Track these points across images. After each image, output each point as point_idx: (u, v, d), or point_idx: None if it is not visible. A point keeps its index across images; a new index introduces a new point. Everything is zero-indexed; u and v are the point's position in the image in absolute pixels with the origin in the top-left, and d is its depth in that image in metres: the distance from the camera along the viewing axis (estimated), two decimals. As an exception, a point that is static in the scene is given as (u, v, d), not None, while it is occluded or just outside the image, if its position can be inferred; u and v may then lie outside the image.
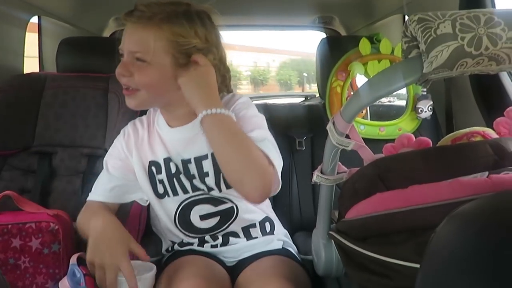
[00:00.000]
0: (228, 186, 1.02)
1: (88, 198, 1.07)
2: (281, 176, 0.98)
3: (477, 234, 0.33)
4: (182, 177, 1.03)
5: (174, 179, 1.03)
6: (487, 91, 1.38)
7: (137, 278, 0.95)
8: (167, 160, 1.03)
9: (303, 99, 2.77)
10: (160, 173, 1.04)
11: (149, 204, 1.12)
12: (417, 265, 0.47)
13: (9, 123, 1.30)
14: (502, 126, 0.79)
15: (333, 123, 0.79)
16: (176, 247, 1.10)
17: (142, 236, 1.15)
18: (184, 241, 1.10)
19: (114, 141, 1.11)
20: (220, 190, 1.03)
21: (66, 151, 1.32)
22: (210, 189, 1.03)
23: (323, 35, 2.27)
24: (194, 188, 1.03)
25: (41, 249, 1.04)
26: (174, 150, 1.04)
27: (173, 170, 1.03)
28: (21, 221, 1.04)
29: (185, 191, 1.03)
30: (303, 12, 2.04)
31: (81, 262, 1.04)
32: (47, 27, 1.85)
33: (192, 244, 1.09)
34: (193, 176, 1.03)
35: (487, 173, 0.59)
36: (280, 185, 0.96)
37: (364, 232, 0.72)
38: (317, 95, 2.42)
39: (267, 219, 1.13)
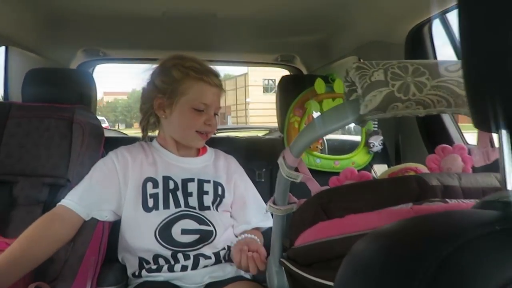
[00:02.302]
0: (219, 210, 1.20)
1: (60, 203, 1.15)
2: None
3: (375, 253, 0.39)
4: (179, 193, 1.17)
5: (170, 194, 1.16)
6: (431, 129, 1.51)
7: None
8: (167, 178, 1.18)
9: (267, 131, 2.86)
10: (156, 187, 1.16)
11: (113, 230, 1.16)
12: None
13: (-30, 152, 1.30)
14: (433, 162, 0.89)
15: (283, 157, 0.86)
16: (143, 272, 1.13)
17: (103, 264, 1.17)
18: (154, 262, 1.13)
19: (103, 160, 1.23)
20: (214, 209, 1.19)
21: (28, 180, 1.33)
22: (202, 207, 1.17)
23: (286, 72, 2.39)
24: (186, 204, 1.16)
25: (-3, 278, 1.04)
26: (177, 172, 1.20)
27: (171, 186, 1.17)
28: (-22, 250, 1.05)
29: (177, 205, 1.15)
30: (266, 50, 2.15)
31: (37, 291, 1.05)
32: (14, 57, 1.87)
33: (161, 268, 1.12)
34: (190, 194, 1.18)
35: (411, 204, 0.67)
36: None
37: (309, 258, 0.78)
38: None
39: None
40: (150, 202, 1.15)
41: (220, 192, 1.23)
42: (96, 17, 1.66)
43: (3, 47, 1.81)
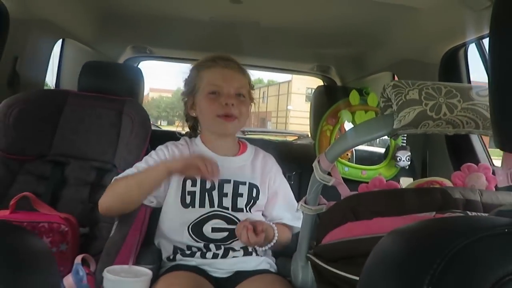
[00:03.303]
0: (252, 211, 1.27)
1: (116, 177, 1.24)
2: None
3: (395, 246, 0.46)
4: (214, 193, 1.24)
5: (206, 193, 1.23)
6: (458, 148, 1.56)
7: (135, 280, 1.07)
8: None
9: (296, 137, 2.95)
10: (195, 186, 1.24)
11: (153, 214, 1.26)
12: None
13: (30, 132, 1.43)
14: (458, 178, 0.95)
15: (318, 161, 0.95)
16: (178, 256, 1.23)
17: (142, 245, 1.27)
18: (188, 249, 1.23)
19: (155, 151, 1.32)
20: (247, 211, 1.26)
21: (78, 163, 1.45)
22: (235, 208, 1.24)
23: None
24: (220, 205, 1.23)
25: (50, 247, 1.16)
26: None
27: (208, 186, 1.23)
28: (35, 220, 1.17)
29: (211, 205, 1.23)
30: (304, 59, 2.24)
31: (84, 262, 1.17)
32: (69, 49, 2.02)
33: (194, 254, 1.21)
34: (225, 195, 1.24)
35: (434, 212, 0.74)
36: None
37: (336, 254, 0.86)
38: (309, 134, 2.60)
39: None
40: (188, 199, 1.24)
41: (254, 194, 1.29)
42: (147, 16, 1.79)
43: (60, 40, 1.96)
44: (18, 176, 1.41)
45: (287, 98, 28.24)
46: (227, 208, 1.24)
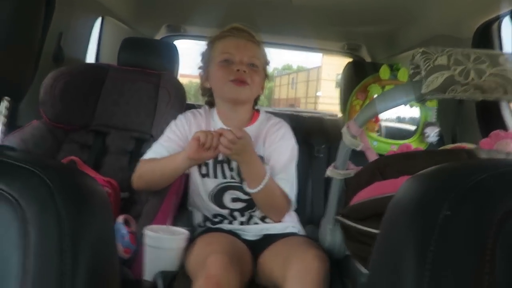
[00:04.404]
0: None
1: (142, 158, 1.30)
2: (299, 177, 1.32)
3: (414, 185, 0.50)
4: (225, 165, 1.29)
5: (218, 165, 1.29)
6: (489, 120, 1.56)
7: (173, 237, 1.15)
8: None
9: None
10: None
11: (185, 184, 1.33)
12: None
13: (74, 103, 1.53)
14: (486, 145, 0.98)
15: (348, 126, 0.99)
16: (207, 223, 1.31)
17: (178, 209, 1.35)
18: (215, 217, 1.30)
19: (175, 122, 1.36)
20: None
21: (118, 133, 1.54)
22: (242, 181, 1.27)
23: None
24: (231, 177, 1.29)
25: (95, 206, 1.25)
26: None
27: (220, 157, 1.28)
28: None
29: (224, 176, 1.29)
30: (334, 37, 2.25)
31: (125, 223, 1.25)
32: (108, 26, 2.11)
33: (221, 221, 1.29)
34: (232, 169, 1.29)
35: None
36: (294, 207, 1.31)
37: (363, 213, 0.90)
38: (338, 114, 2.62)
39: None
40: (203, 169, 1.31)
41: None
42: None
43: (100, 18, 2.05)
44: (63, 145, 1.51)
45: (317, 84, 27.96)
46: (238, 181, 1.29)
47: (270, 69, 1.42)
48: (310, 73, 29.17)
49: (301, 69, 31.56)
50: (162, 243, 1.14)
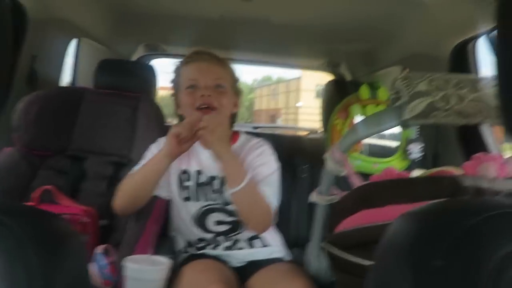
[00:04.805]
0: None
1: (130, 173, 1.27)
2: (283, 198, 1.29)
3: (405, 227, 0.49)
4: (207, 187, 1.27)
5: (200, 188, 1.27)
6: (470, 141, 1.58)
7: (155, 268, 1.11)
8: (198, 172, 1.28)
9: (307, 132, 2.98)
10: (189, 181, 1.27)
11: (167, 209, 1.30)
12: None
13: (50, 128, 1.48)
14: (469, 168, 0.98)
15: (331, 153, 0.97)
16: (190, 249, 1.27)
17: (159, 236, 1.31)
18: (198, 243, 1.27)
19: (155, 144, 1.33)
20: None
21: (96, 158, 1.50)
22: (225, 203, 1.26)
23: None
24: (214, 199, 1.26)
25: (72, 238, 1.21)
26: (206, 167, 1.28)
27: (201, 180, 1.27)
28: (58, 212, 1.21)
29: (206, 199, 1.27)
30: (314, 55, 2.27)
31: (106, 252, 1.21)
32: (84, 47, 2.07)
33: (205, 247, 1.26)
34: (215, 191, 1.27)
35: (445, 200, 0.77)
36: (276, 220, 1.27)
37: (350, 241, 0.89)
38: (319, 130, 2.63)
39: (269, 233, 1.31)
40: (185, 193, 1.28)
41: None
42: (159, 15, 1.83)
43: (76, 39, 2.01)
44: (39, 171, 1.46)
45: (297, 95, 28.18)
46: (220, 203, 1.27)
47: (249, 81, 1.41)
48: (290, 84, 29.42)
49: (281, 80, 31.81)
50: (143, 275, 1.09)
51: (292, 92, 28.81)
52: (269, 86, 32.06)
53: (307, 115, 25.03)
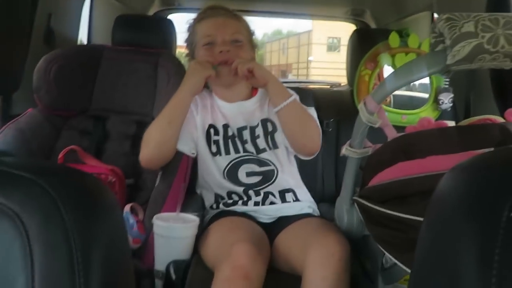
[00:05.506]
0: (275, 146, 1.26)
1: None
2: None
3: (465, 180, 0.44)
4: (237, 140, 1.26)
5: (230, 141, 1.25)
6: (504, 87, 1.49)
7: (184, 225, 1.11)
8: (225, 126, 1.27)
9: (329, 86, 2.89)
10: (218, 135, 1.26)
11: (193, 164, 1.28)
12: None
13: (70, 87, 1.46)
14: (511, 116, 0.92)
15: (364, 103, 0.92)
16: (221, 206, 1.25)
17: (186, 193, 1.30)
18: (229, 197, 1.25)
19: None
20: (270, 148, 1.26)
21: (118, 117, 1.48)
22: (259, 150, 1.25)
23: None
24: (245, 150, 1.25)
25: (100, 197, 1.21)
26: (232, 120, 1.27)
27: (230, 133, 1.26)
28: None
29: (237, 151, 1.25)
30: (337, 3, 2.15)
31: (132, 211, 1.21)
32: (98, 3, 2.00)
33: (237, 202, 1.24)
34: (246, 141, 1.26)
35: (492, 148, 0.72)
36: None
37: (385, 195, 0.85)
38: (342, 83, 2.55)
39: (299, 187, 1.30)
40: (214, 148, 1.26)
41: (270, 129, 1.28)
42: None
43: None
44: (62, 131, 1.45)
45: (308, 48, 27.47)
46: (252, 153, 1.26)
47: (259, 36, 1.37)
48: (300, 38, 28.61)
49: (291, 34, 30.92)
50: (173, 232, 1.09)
51: (303, 46, 28.07)
52: (279, 41, 31.33)
53: (318, 69, 24.56)
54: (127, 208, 1.19)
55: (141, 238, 1.16)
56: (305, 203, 1.28)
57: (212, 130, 1.27)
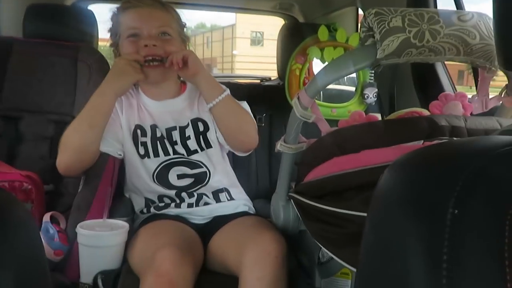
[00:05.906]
0: (208, 146, 1.21)
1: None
2: None
3: (406, 178, 0.44)
4: (166, 141, 1.18)
5: (158, 142, 1.17)
6: (424, 80, 1.57)
7: (112, 233, 1.03)
8: (153, 127, 1.19)
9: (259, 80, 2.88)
10: (145, 136, 1.17)
11: (120, 167, 1.20)
12: (364, 214, 0.58)
13: (-25, 85, 1.30)
14: (436, 108, 0.95)
15: (298, 98, 0.91)
16: (152, 210, 1.18)
17: (113, 197, 1.21)
18: (160, 201, 1.19)
19: None
20: (201, 149, 1.19)
21: (33, 117, 1.35)
22: (189, 152, 1.18)
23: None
24: (175, 152, 1.18)
25: (14, 207, 1.08)
26: (160, 120, 1.19)
27: (158, 134, 1.17)
28: (-6, 180, 1.08)
29: (166, 153, 1.17)
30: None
31: (53, 220, 1.10)
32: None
33: (169, 205, 1.18)
34: (175, 142, 1.19)
35: (422, 141, 0.73)
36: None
37: (321, 190, 0.85)
38: (272, 78, 2.55)
39: (233, 185, 1.26)
40: (141, 150, 1.18)
41: (201, 128, 1.22)
42: None
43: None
44: (-33, 135, 1.29)
45: (232, 42, 27.52)
46: (183, 154, 1.19)
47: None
48: (224, 32, 28.62)
49: (215, 28, 30.78)
50: (99, 241, 1.01)
51: (227, 40, 28.09)
52: (203, 34, 31.07)
53: (243, 63, 24.76)
54: (46, 217, 1.08)
55: (64, 250, 1.06)
56: (240, 201, 1.25)
57: (139, 131, 1.19)
